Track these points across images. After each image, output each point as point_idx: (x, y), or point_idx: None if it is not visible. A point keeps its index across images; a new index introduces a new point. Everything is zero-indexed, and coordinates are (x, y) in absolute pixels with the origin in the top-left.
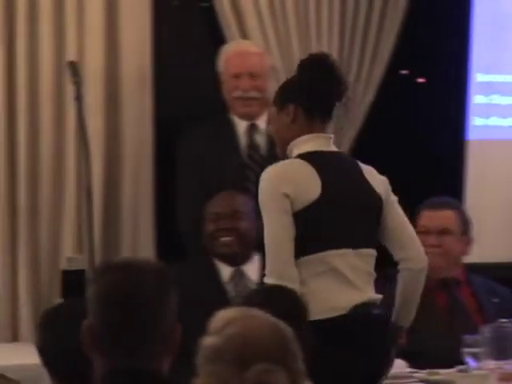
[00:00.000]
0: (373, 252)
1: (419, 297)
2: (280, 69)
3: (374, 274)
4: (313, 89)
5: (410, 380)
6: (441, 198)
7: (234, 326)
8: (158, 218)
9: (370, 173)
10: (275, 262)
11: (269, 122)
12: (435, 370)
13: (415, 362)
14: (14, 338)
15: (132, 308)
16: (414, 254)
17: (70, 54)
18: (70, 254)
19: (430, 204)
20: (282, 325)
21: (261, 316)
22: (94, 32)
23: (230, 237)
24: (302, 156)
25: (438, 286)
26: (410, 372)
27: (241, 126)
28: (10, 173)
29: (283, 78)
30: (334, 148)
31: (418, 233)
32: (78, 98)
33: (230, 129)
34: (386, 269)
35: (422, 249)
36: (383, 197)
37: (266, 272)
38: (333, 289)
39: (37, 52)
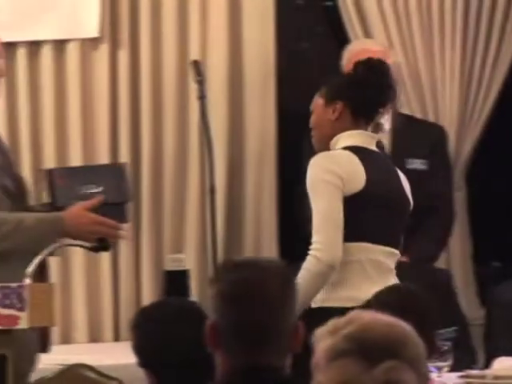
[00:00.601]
0: (397, 252)
1: None
2: (403, 67)
3: (395, 271)
4: (365, 91)
5: None
6: None
7: (358, 325)
8: (282, 217)
9: (404, 180)
10: (328, 235)
11: (312, 111)
12: None
13: None
14: None
15: (257, 306)
16: None
17: (194, 53)
18: (193, 253)
19: None
20: (408, 326)
21: (386, 317)
22: (217, 31)
23: None
24: (348, 148)
25: None
26: None
27: None
28: (134, 172)
29: (406, 77)
30: (375, 148)
31: None
32: (202, 97)
33: None
34: None
35: None
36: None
37: (316, 244)
38: (352, 280)
39: (160, 52)
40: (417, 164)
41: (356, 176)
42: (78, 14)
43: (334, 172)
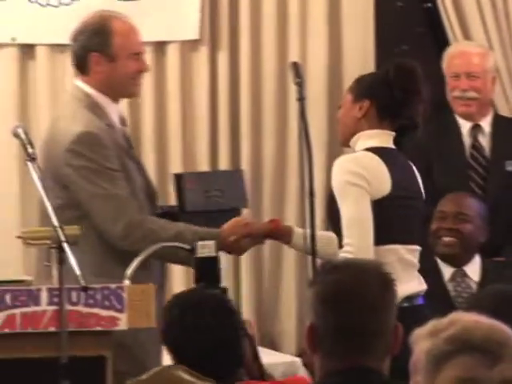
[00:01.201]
0: (419, 248)
1: None
2: (502, 69)
3: (418, 266)
4: (393, 92)
5: None
6: None
7: (460, 327)
8: None
9: (417, 173)
10: (359, 237)
11: (340, 106)
12: None
13: None
14: None
15: (356, 308)
16: None
17: (293, 55)
18: (292, 256)
19: None
20: (508, 328)
21: (486, 319)
22: (316, 32)
23: (451, 237)
24: (372, 150)
25: None
26: None
27: (465, 126)
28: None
29: (505, 79)
30: (392, 145)
31: None
32: (301, 98)
33: (454, 129)
34: None
35: None
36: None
37: (347, 247)
38: None
39: (260, 53)
40: None
41: (382, 180)
42: (178, 16)
43: (361, 175)
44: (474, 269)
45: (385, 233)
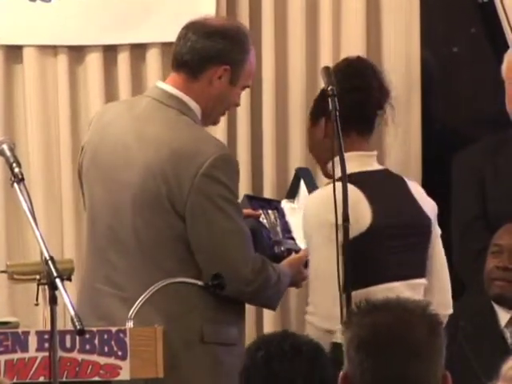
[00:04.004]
0: (423, 281)
1: None
2: None
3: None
4: (343, 99)
5: None
6: None
7: None
8: None
9: (418, 191)
10: (321, 300)
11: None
12: None
13: None
14: None
15: (399, 354)
16: (441, 299)
17: (325, 59)
18: None
19: None
20: None
21: None
22: (352, 31)
23: (505, 280)
24: (349, 178)
25: None
26: None
27: None
28: (257, 189)
29: None
30: (377, 166)
31: None
32: (334, 109)
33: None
34: None
35: (449, 295)
36: (432, 219)
37: (310, 309)
38: None
39: (286, 56)
40: None
41: (359, 215)
42: (186, 15)
43: (327, 221)
44: None
45: (378, 271)
